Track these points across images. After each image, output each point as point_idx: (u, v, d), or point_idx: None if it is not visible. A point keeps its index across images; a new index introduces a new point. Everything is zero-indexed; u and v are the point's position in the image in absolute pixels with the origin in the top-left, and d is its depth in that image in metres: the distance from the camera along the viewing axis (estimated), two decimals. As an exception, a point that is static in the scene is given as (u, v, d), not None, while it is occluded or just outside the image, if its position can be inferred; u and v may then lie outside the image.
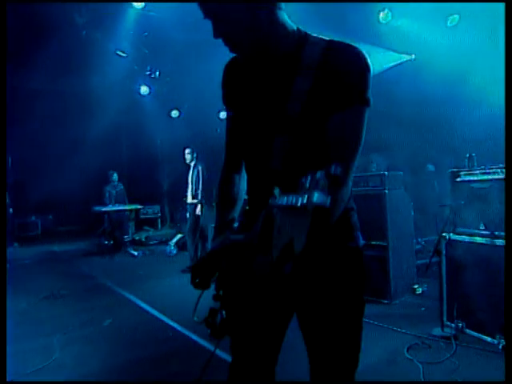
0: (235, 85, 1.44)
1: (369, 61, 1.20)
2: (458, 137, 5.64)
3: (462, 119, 5.82)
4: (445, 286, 3.75)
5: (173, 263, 7.38)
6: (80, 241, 10.59)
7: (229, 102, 1.48)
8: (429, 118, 6.54)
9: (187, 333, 3.87)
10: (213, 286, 1.36)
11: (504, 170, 3.42)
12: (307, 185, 0.83)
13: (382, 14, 6.82)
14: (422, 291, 4.63)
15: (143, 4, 7.00)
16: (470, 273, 3.58)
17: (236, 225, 1.43)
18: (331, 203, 0.80)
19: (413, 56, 7.62)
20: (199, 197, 6.67)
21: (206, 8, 1.23)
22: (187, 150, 7.02)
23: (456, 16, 6.60)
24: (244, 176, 1.53)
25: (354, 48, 1.21)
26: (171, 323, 4.19)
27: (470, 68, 5.73)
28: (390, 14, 6.77)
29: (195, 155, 7.02)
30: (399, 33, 6.89)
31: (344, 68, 1.18)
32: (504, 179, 2.93)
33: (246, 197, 1.53)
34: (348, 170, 1.15)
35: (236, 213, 1.50)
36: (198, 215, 6.66)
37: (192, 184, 6.89)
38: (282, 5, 1.25)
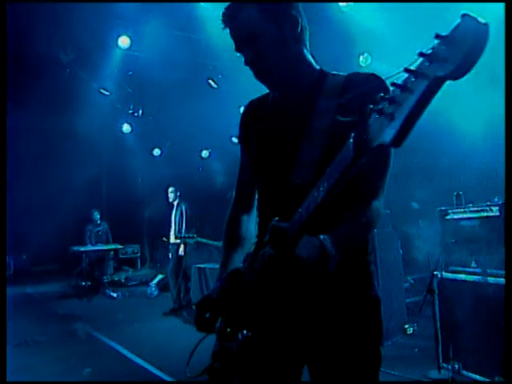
0: (256, 122, 1.44)
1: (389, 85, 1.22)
2: (442, 175, 5.76)
3: (445, 156, 5.96)
4: (439, 325, 3.69)
5: (154, 306, 7.12)
6: (56, 282, 10.14)
7: (248, 140, 1.47)
8: (412, 157, 6.69)
9: (173, 380, 3.66)
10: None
11: (493, 208, 3.47)
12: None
13: (361, 58, 7.08)
14: (413, 331, 4.56)
15: (129, 44, 7.08)
16: (464, 312, 3.54)
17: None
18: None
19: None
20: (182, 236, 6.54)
21: (243, 32, 1.28)
22: (170, 189, 6.96)
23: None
24: (253, 217, 1.48)
25: (374, 74, 1.26)
26: (155, 371, 3.98)
27: (450, 108, 5.93)
28: (369, 57, 7.05)
29: (178, 194, 6.95)
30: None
31: (367, 86, 1.20)
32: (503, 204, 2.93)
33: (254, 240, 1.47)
34: (379, 196, 1.23)
35: (242, 253, 1.43)
36: (181, 255, 6.50)
37: (175, 224, 6.77)
38: (307, 44, 1.35)
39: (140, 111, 9.69)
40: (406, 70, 0.74)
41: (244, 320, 1.21)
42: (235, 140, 9.46)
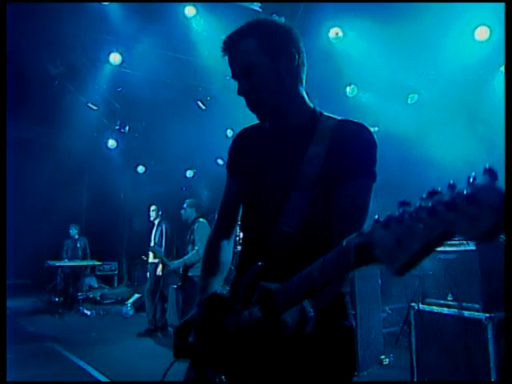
0: (245, 152, 1.45)
1: (376, 138, 1.28)
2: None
3: (426, 187, 6.06)
4: (414, 357, 3.69)
5: (129, 325, 6.94)
6: (28, 297, 9.82)
7: (236, 169, 1.48)
8: (391, 187, 6.79)
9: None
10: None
11: (470, 243, 3.53)
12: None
13: (348, 89, 7.25)
14: (389, 362, 4.54)
15: (120, 61, 7.12)
16: (440, 344, 3.56)
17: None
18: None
19: (376, 128, 8.04)
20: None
21: (240, 62, 1.31)
22: (152, 207, 6.90)
23: (415, 95, 7.13)
24: (232, 241, 1.49)
25: (365, 126, 1.30)
26: (126, 394, 3.86)
27: (432, 142, 6.10)
28: (355, 88, 7.22)
29: (160, 213, 6.89)
30: (365, 107, 7.30)
31: (356, 141, 1.26)
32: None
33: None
34: None
35: (221, 278, 1.45)
36: (159, 275, 6.40)
37: (155, 243, 6.68)
38: (304, 81, 1.37)
39: (127, 128, 9.67)
40: (423, 208, 0.68)
41: (219, 362, 1.20)
42: (220, 162, 9.49)
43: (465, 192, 0.62)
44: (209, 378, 1.21)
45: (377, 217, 0.77)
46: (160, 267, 6.34)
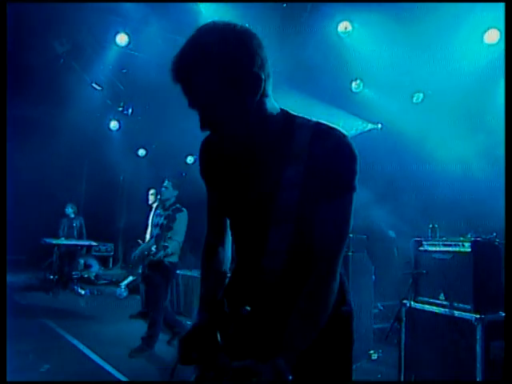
0: (214, 166, 1.38)
1: (354, 148, 1.20)
2: (419, 205, 5.88)
3: (424, 188, 6.10)
4: (403, 354, 3.74)
5: (122, 307, 7.00)
6: (22, 273, 9.87)
7: (210, 180, 1.44)
8: (390, 186, 6.82)
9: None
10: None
11: (465, 244, 3.55)
12: None
13: (354, 84, 7.22)
14: (378, 357, 4.60)
15: (126, 42, 7.07)
16: (429, 342, 3.60)
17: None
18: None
19: (379, 125, 8.03)
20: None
21: (199, 99, 1.16)
22: (151, 191, 6.88)
23: (421, 94, 7.10)
24: (229, 242, 1.50)
25: (340, 136, 1.20)
26: (116, 374, 3.90)
27: (433, 143, 6.10)
28: (361, 83, 7.19)
29: (159, 197, 6.88)
30: (369, 103, 7.28)
31: (334, 159, 1.17)
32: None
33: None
34: (335, 265, 1.20)
35: (222, 282, 1.46)
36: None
37: (151, 227, 6.69)
38: (270, 92, 1.21)
39: (130, 110, 9.62)
40: None
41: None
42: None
43: None
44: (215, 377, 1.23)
45: None
46: None
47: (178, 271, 6.95)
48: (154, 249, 4.90)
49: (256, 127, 1.20)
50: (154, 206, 6.81)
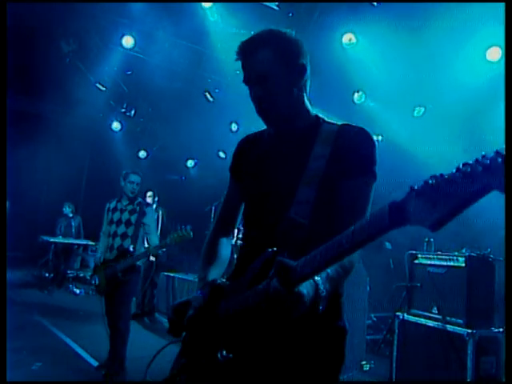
0: (251, 156, 1.51)
1: (375, 140, 1.38)
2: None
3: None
4: (394, 365, 3.76)
5: (116, 307, 6.98)
6: (18, 269, 9.86)
7: (241, 172, 1.54)
8: (388, 197, 6.85)
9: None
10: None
11: (459, 259, 3.59)
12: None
13: (356, 95, 7.28)
14: (370, 368, 4.60)
15: (132, 45, 7.13)
16: (421, 355, 3.62)
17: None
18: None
19: (380, 137, 8.08)
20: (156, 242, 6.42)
21: (256, 70, 1.38)
22: (149, 193, 6.87)
23: (422, 108, 7.16)
24: (231, 242, 1.54)
25: (364, 129, 1.39)
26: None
27: (433, 156, 6.14)
28: (363, 95, 7.25)
29: (156, 199, 6.89)
30: (371, 114, 7.34)
31: (356, 143, 1.34)
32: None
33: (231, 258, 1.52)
34: None
35: (220, 271, 1.48)
36: (152, 261, 6.42)
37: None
38: (308, 91, 1.46)
39: (132, 111, 9.69)
40: (462, 165, 0.77)
41: (222, 340, 1.24)
42: (222, 155, 9.52)
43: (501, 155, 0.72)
44: (199, 364, 1.25)
45: (413, 187, 0.83)
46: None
47: (174, 275, 7.01)
48: (131, 249, 4.25)
49: (296, 112, 1.42)
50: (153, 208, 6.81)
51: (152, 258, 6.36)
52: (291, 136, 1.44)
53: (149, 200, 6.85)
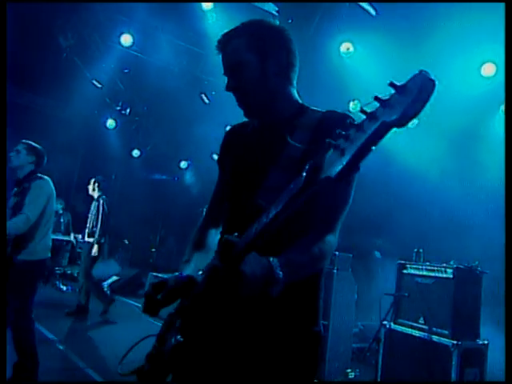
0: (234, 145, 1.51)
1: None
2: (406, 229, 5.94)
3: (414, 211, 6.17)
4: (379, 374, 3.76)
5: (101, 305, 6.91)
6: (4, 264, 9.75)
7: (225, 161, 1.53)
8: (379, 207, 6.89)
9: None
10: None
11: (448, 270, 3.61)
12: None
13: (351, 104, 7.33)
14: (355, 376, 4.60)
15: (131, 43, 7.12)
16: (406, 364, 3.63)
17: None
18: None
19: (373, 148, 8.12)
20: (96, 235, 6.01)
21: (230, 60, 1.38)
22: (92, 180, 6.47)
23: (415, 120, 7.22)
24: (218, 232, 1.53)
25: (349, 116, 1.29)
26: (91, 373, 3.86)
27: (424, 167, 6.20)
28: (359, 104, 7.29)
29: (100, 186, 6.46)
30: (365, 124, 7.38)
31: (339, 126, 1.23)
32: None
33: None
34: (334, 230, 1.28)
35: (206, 259, 1.42)
36: (95, 256, 6.03)
37: (91, 219, 6.20)
38: (294, 82, 1.43)
39: (128, 110, 9.67)
40: (362, 111, 0.80)
41: (181, 325, 1.24)
42: (216, 157, 9.51)
43: (396, 87, 0.76)
44: (164, 354, 1.23)
45: (330, 141, 0.85)
46: (96, 247, 6.02)
47: (162, 275, 6.88)
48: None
49: (277, 100, 1.38)
50: (96, 196, 6.41)
51: (94, 253, 6.11)
52: (274, 125, 1.40)
53: (89, 188, 6.45)
